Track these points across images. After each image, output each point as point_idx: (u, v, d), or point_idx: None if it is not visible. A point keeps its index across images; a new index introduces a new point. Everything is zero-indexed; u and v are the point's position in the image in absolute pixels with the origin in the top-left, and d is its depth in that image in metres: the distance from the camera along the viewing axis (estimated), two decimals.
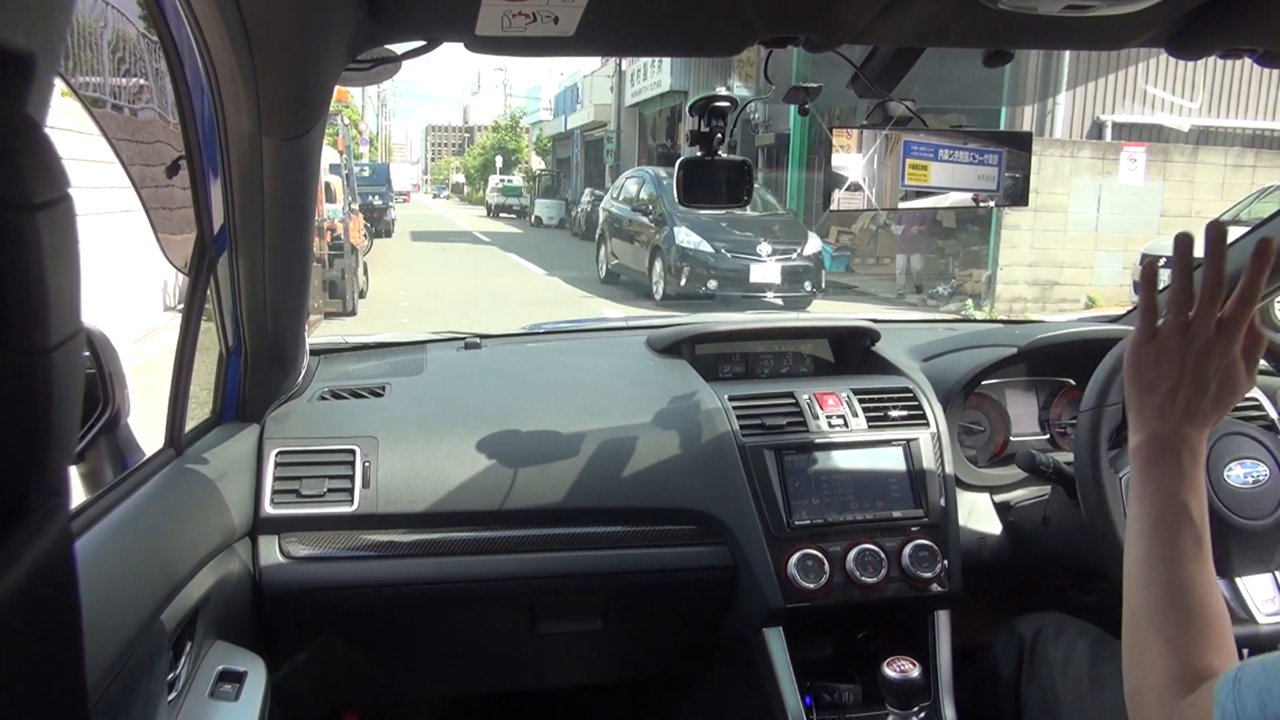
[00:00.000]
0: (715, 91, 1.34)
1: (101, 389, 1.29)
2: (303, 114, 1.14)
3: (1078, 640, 1.38)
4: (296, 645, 1.57)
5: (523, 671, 1.87)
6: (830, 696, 1.60)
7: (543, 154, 44.95)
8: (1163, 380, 0.90)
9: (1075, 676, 1.33)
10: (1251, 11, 1.04)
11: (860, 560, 1.59)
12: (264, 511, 1.49)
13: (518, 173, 45.27)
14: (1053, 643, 1.39)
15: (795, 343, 1.98)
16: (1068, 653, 1.37)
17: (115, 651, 0.91)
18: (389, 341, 2.03)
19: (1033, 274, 11.67)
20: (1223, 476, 1.34)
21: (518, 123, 53.29)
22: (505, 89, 64.80)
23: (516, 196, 37.94)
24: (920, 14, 1.04)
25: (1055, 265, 11.65)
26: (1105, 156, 11.68)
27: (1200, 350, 0.89)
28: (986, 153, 1.32)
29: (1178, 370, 0.90)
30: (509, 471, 1.58)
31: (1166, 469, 0.89)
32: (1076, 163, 11.62)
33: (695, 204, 1.41)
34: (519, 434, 1.63)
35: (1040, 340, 1.82)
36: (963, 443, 1.85)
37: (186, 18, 1.03)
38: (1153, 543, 0.87)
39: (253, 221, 1.26)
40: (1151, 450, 0.90)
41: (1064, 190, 11.50)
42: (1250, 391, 1.86)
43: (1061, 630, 1.41)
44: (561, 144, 39.42)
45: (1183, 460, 0.89)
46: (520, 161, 48.88)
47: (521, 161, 48.71)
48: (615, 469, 1.61)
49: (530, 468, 1.59)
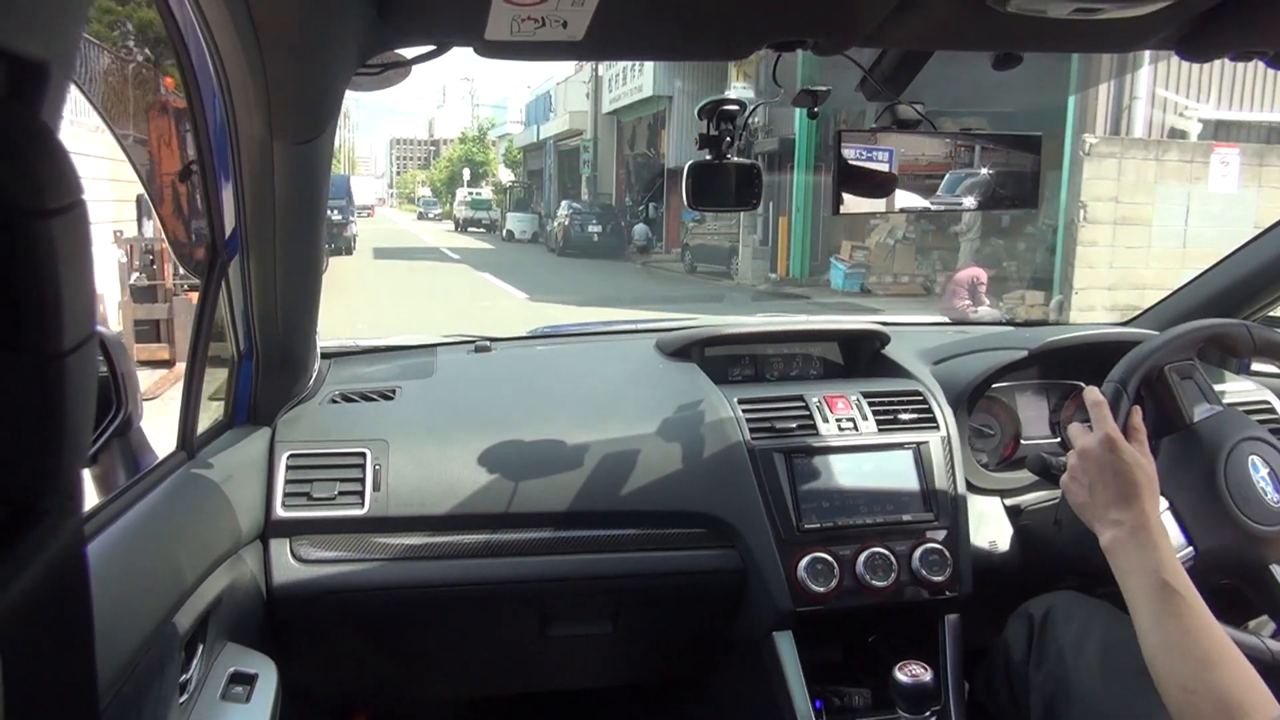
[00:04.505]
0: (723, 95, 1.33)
1: (114, 392, 1.30)
2: (314, 118, 1.15)
3: (1090, 621, 1.36)
4: (307, 647, 1.58)
5: (532, 674, 1.87)
6: (840, 700, 1.60)
7: (513, 166, 43.53)
8: (1092, 489, 1.17)
9: (1086, 659, 1.32)
10: (1262, 13, 1.04)
11: (870, 564, 1.58)
12: (275, 514, 1.49)
13: (486, 185, 43.88)
14: (1063, 624, 1.38)
15: (804, 345, 1.98)
16: (1080, 635, 1.35)
17: (127, 653, 0.91)
18: (399, 344, 2.04)
19: (1112, 298, 9.87)
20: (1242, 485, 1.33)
21: (485, 134, 51.99)
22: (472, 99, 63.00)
23: (486, 210, 36.82)
24: (929, 17, 1.04)
25: (1138, 287, 9.65)
26: (1194, 159, 9.97)
27: (1104, 463, 1.16)
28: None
29: (1097, 477, 1.17)
30: (518, 474, 1.58)
31: (1137, 550, 1.09)
32: (1162, 166, 9.90)
33: (704, 207, 1.41)
34: (528, 437, 1.63)
35: (1051, 343, 1.81)
36: (973, 446, 1.84)
37: (198, 22, 1.03)
38: (1152, 612, 1.05)
39: (264, 225, 1.27)
40: (1114, 542, 1.12)
41: (1147, 199, 9.82)
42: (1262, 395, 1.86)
43: (1073, 610, 1.40)
44: (533, 155, 37.97)
45: (1142, 539, 1.10)
46: (488, 174, 47.54)
47: (490, 174, 47.39)
48: (625, 472, 1.61)
49: (539, 470, 1.60)
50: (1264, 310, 1.92)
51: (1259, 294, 1.89)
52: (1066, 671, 1.33)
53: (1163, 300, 2.12)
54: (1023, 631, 1.43)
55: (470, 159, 49.47)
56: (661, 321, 2.13)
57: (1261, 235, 1.89)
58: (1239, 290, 1.90)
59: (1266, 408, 1.85)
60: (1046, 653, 1.37)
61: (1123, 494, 1.14)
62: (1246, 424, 1.43)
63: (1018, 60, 1.22)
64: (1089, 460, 1.18)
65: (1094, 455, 1.18)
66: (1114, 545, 1.11)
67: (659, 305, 14.00)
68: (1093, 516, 1.17)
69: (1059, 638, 1.37)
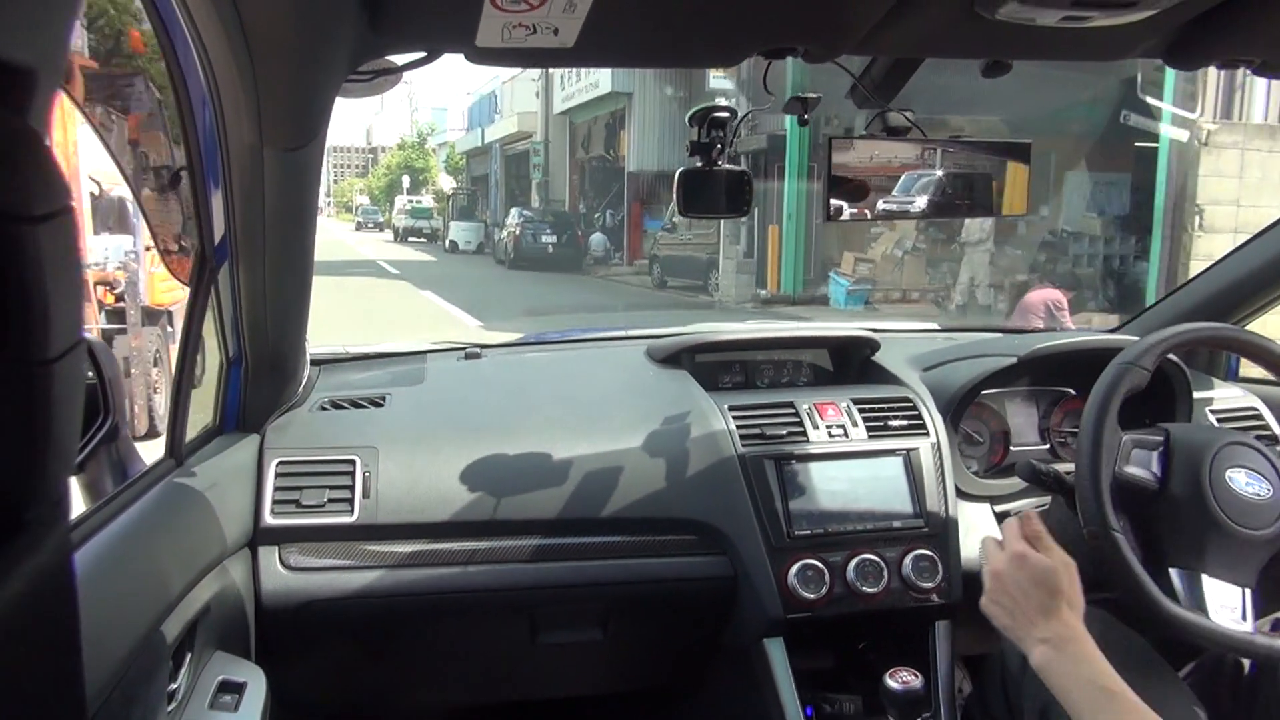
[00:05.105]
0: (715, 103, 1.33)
1: (102, 399, 1.29)
2: (304, 125, 1.15)
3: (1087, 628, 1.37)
4: (296, 655, 1.57)
5: (523, 682, 1.86)
6: (831, 707, 1.60)
7: (455, 172, 41.57)
8: (1012, 611, 1.17)
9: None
10: (1249, 22, 1.04)
11: (861, 570, 1.59)
12: (264, 522, 1.49)
13: (427, 193, 41.71)
14: None
15: (795, 352, 1.98)
16: None
17: (115, 663, 0.91)
18: (389, 351, 2.04)
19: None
20: (1224, 479, 1.34)
21: (425, 140, 50.08)
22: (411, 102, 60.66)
23: (427, 219, 34.74)
24: (919, 25, 1.04)
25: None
26: None
27: (1018, 580, 1.17)
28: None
29: (1015, 597, 1.17)
30: (509, 482, 1.58)
31: (1071, 664, 1.10)
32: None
33: (695, 214, 1.41)
34: (519, 444, 1.63)
35: (1040, 349, 1.82)
36: (963, 452, 1.84)
37: (188, 28, 1.03)
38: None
39: (254, 232, 1.27)
40: (1045, 660, 1.11)
41: (1273, 199, 7.66)
42: (1248, 401, 1.87)
43: None
44: (477, 160, 35.57)
45: (1073, 651, 1.10)
46: (429, 181, 45.82)
47: (430, 181, 45.61)
48: (615, 479, 1.61)
49: (530, 478, 1.59)
50: (1254, 316, 1.93)
51: (1249, 299, 1.90)
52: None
53: (1152, 306, 2.13)
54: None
55: (410, 165, 47.50)
56: (652, 328, 2.13)
57: (1251, 241, 1.90)
58: (1229, 296, 1.91)
59: (1254, 414, 1.86)
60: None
61: (1043, 608, 1.14)
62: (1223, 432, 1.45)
63: (1007, 68, 1.23)
64: (1003, 581, 1.19)
65: (1007, 575, 1.18)
66: (1046, 663, 1.11)
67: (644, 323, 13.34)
68: (1019, 637, 1.16)
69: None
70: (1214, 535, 1.33)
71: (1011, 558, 1.19)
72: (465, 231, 27.38)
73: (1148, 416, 1.73)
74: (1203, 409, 1.85)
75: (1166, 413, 1.80)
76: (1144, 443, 1.42)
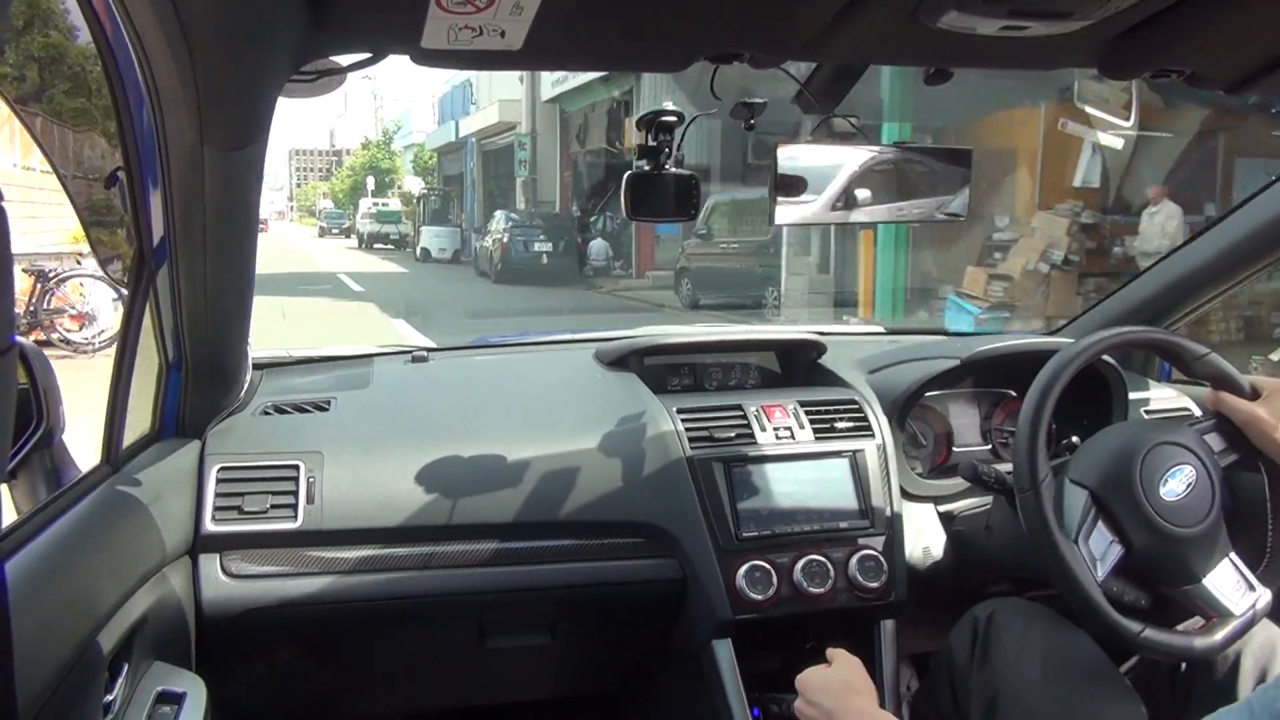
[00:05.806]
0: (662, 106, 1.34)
1: (35, 405, 1.26)
2: (245, 125, 1.13)
3: (1031, 625, 1.39)
4: (238, 665, 1.54)
5: (471, 687, 1.85)
6: (779, 708, 1.61)
7: (424, 172, 37.83)
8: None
9: (1027, 661, 1.35)
10: (1180, 35, 1.08)
11: (807, 571, 1.60)
12: (205, 529, 1.46)
13: (394, 196, 38.65)
14: (1006, 628, 1.41)
15: (743, 355, 1.99)
16: (1021, 638, 1.38)
17: (48, 675, 0.88)
18: (334, 355, 2.01)
19: None
20: (1158, 492, 1.36)
21: (391, 139, 47.29)
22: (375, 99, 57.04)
23: (394, 223, 31.47)
24: (863, 32, 1.06)
25: None
26: None
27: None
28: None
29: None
30: (456, 486, 1.57)
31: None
32: None
33: (643, 218, 1.42)
34: (466, 448, 1.62)
35: (981, 352, 1.86)
36: (907, 453, 1.87)
37: (124, 25, 1.01)
38: None
39: (194, 233, 1.24)
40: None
41: None
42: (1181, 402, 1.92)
43: (1015, 615, 1.43)
44: (450, 157, 32.21)
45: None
46: (395, 183, 43.17)
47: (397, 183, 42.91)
48: (563, 482, 1.61)
49: (478, 482, 1.58)
50: (1184, 319, 1.98)
51: (1182, 302, 1.95)
52: (1007, 673, 1.36)
53: (1087, 310, 2.18)
54: (967, 636, 1.46)
55: (375, 165, 45.05)
56: (601, 332, 2.13)
57: (1185, 245, 1.96)
58: (1163, 299, 1.96)
59: (1186, 414, 1.91)
60: (989, 655, 1.40)
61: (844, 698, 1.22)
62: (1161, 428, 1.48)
63: (948, 76, 1.25)
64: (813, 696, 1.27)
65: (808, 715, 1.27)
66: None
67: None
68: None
69: (1002, 641, 1.40)
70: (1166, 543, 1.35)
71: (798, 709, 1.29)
72: (439, 238, 24.61)
73: (1085, 418, 1.78)
74: (1138, 409, 1.90)
75: (1103, 413, 1.84)
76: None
